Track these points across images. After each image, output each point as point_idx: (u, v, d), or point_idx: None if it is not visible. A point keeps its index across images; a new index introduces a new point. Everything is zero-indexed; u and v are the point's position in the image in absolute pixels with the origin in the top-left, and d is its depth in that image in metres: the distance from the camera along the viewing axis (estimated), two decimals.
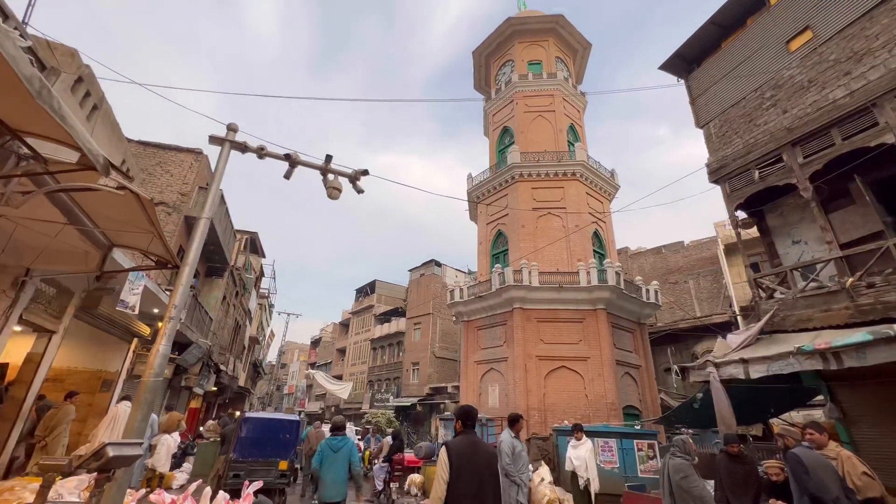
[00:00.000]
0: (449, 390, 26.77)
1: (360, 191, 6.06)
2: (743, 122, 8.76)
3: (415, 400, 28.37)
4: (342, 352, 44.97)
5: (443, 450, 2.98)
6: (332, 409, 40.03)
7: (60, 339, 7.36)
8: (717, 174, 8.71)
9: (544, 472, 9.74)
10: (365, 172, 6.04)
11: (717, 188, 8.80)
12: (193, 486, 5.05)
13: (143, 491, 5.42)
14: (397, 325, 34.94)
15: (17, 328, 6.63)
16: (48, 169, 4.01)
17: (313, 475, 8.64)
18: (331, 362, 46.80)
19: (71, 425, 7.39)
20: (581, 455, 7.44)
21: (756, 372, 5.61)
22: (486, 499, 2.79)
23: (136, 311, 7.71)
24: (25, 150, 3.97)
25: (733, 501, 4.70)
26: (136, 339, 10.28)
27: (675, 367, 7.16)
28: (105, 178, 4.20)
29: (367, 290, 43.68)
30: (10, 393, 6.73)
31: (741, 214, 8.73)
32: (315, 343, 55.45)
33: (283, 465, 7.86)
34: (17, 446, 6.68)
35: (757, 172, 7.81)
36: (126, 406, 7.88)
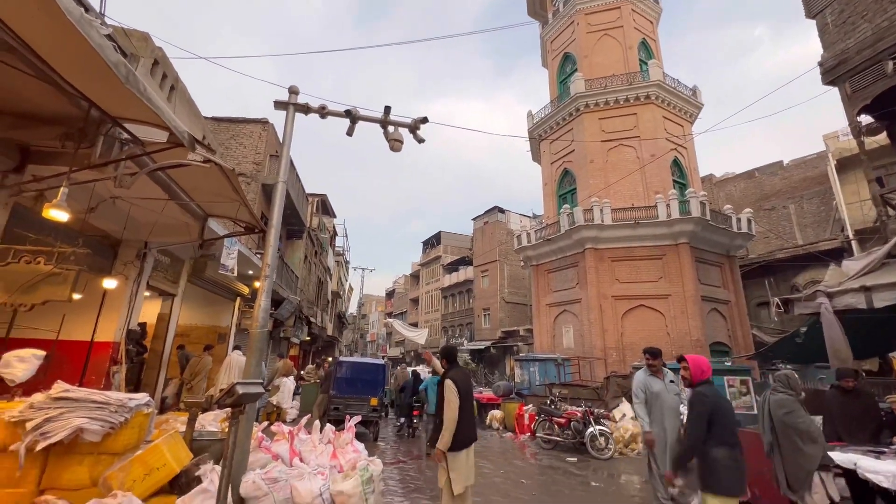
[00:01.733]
0: (521, 333, 27.28)
1: (420, 140, 5.97)
2: (872, 3, 7.06)
3: (488, 343, 29.42)
4: (415, 301, 47.33)
5: (449, 382, 3.78)
6: (412, 353, 43.02)
7: (180, 300, 8.53)
8: (834, 73, 7.25)
9: (625, 408, 9.75)
10: (424, 120, 5.90)
11: (832, 91, 7.38)
12: (304, 419, 5.81)
13: (264, 424, 6.34)
14: (465, 273, 35.67)
15: (147, 293, 7.78)
16: (145, 150, 4.42)
17: (408, 404, 10.28)
18: (406, 311, 49.65)
19: (210, 371, 8.80)
20: None
21: (881, 301, 4.90)
22: (473, 413, 4.01)
23: (235, 273, 8.63)
24: (125, 136, 4.39)
25: (847, 438, 4.34)
26: (238, 298, 11.66)
27: (776, 301, 6.47)
28: (192, 154, 4.55)
29: (433, 242, 44.71)
30: (152, 346, 8.06)
31: (866, 119, 7.30)
32: (390, 294, 58.90)
33: (374, 401, 8.72)
34: (164, 388, 8.08)
35: (892, 63, 6.36)
36: (237, 354, 9.15)
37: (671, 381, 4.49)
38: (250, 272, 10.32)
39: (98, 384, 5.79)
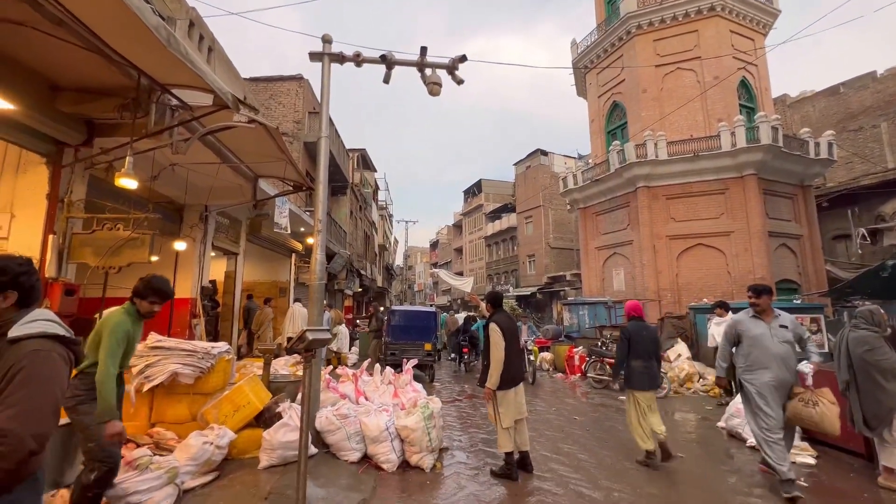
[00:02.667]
0: (567, 278, 27.01)
1: (459, 81, 5.67)
2: None
3: (534, 289, 29.47)
4: (459, 251, 47.81)
5: (494, 325, 3.99)
6: (459, 301, 44.19)
7: (243, 258, 9.13)
8: None
9: (681, 348, 9.58)
10: (462, 59, 5.57)
11: None
12: (365, 363, 6.25)
13: (329, 367, 6.88)
14: (508, 220, 35.19)
15: (213, 254, 8.38)
16: (194, 115, 4.54)
17: (458, 343, 11.37)
18: (450, 261, 50.45)
19: (274, 321, 9.60)
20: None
21: None
22: (520, 353, 4.28)
23: (288, 231, 9.03)
24: (175, 102, 4.52)
25: None
26: (293, 254, 12.32)
27: (861, 232, 5.81)
28: (237, 115, 4.63)
29: (473, 191, 44.10)
30: (223, 301, 8.80)
31: None
32: (434, 245, 59.81)
33: (428, 346, 9.14)
34: (238, 337, 8.91)
35: None
36: (298, 306, 9.84)
37: (782, 326, 3.74)
38: (302, 229, 10.78)
39: (182, 335, 6.46)
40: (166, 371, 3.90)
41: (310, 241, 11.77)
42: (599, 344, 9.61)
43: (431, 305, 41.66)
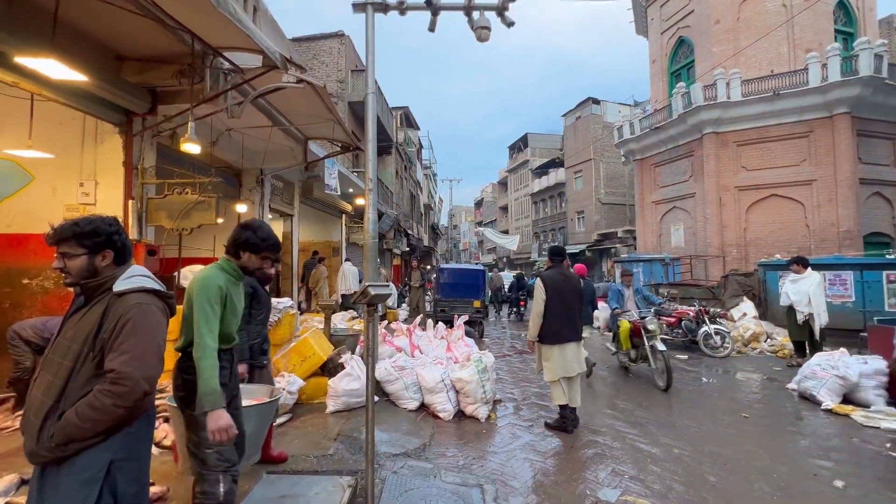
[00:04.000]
0: (619, 235, 25.88)
1: (509, 23, 5.27)
2: None
3: (583, 247, 28.60)
4: (504, 209, 47.03)
5: (538, 280, 4.06)
6: (504, 259, 44.07)
7: (298, 220, 9.53)
8: None
9: (747, 307, 9.01)
10: None
11: None
12: (418, 318, 6.46)
13: (385, 322, 7.18)
14: (556, 176, 33.81)
15: (270, 216, 8.79)
16: (245, 77, 4.60)
17: (516, 298, 12.52)
18: (495, 220, 49.89)
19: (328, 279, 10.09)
20: (802, 289, 6.44)
21: None
22: (571, 313, 4.00)
23: (338, 192, 9.24)
24: (227, 66, 4.59)
25: None
26: (343, 215, 12.69)
27: None
28: (286, 76, 4.64)
29: (519, 146, 42.49)
30: (283, 261, 9.33)
31: None
32: (478, 204, 59.20)
33: (477, 303, 9.26)
34: (298, 293, 9.48)
35: None
36: (348, 265, 10.25)
37: None
38: (350, 190, 11.00)
39: None
40: None
41: (359, 201, 12.04)
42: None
43: (477, 264, 41.96)
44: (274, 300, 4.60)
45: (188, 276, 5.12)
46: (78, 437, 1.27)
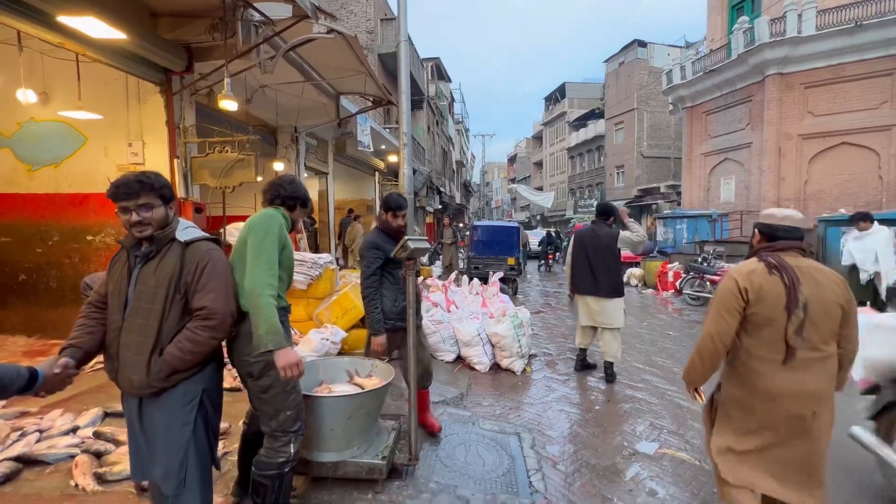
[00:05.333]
0: (662, 190, 24.55)
1: None
2: None
3: (621, 203, 27.45)
4: (539, 165, 45.48)
5: (573, 237, 4.32)
6: (538, 217, 43.22)
7: (332, 178, 9.62)
8: None
9: None
10: None
11: None
12: (453, 275, 6.51)
13: (420, 278, 7.31)
14: (595, 128, 32.02)
15: (306, 175, 8.91)
16: (275, 29, 4.50)
17: (545, 251, 14.06)
18: (529, 176, 48.49)
19: (364, 236, 10.30)
20: (868, 247, 5.94)
21: None
22: (593, 269, 4.03)
23: (371, 149, 9.17)
24: (258, 18, 4.49)
25: None
26: (377, 173, 12.68)
27: None
28: (316, 26, 4.49)
29: (556, 97, 40.24)
30: (319, 219, 9.54)
31: None
32: (511, 160, 57.52)
33: (511, 260, 9.20)
34: (336, 250, 9.75)
35: None
36: None
37: None
38: (383, 147, 10.89)
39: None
40: None
41: (392, 159, 11.96)
42: (700, 260, 8.85)
43: (510, 221, 41.46)
44: (314, 256, 4.74)
45: (234, 232, 5.34)
46: (181, 368, 1.45)
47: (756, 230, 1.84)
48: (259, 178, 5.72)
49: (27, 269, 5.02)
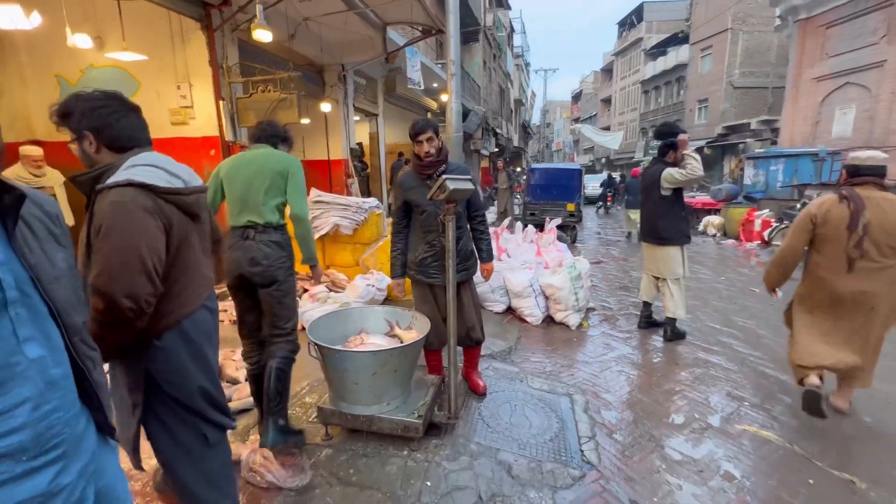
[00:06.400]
0: (752, 127, 21.37)
1: None
2: None
3: (701, 143, 24.40)
4: (607, 102, 41.47)
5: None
6: (602, 160, 40.19)
7: (383, 119, 9.26)
8: None
9: None
10: None
11: None
12: (506, 221, 6.13)
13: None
14: (676, 56, 27.97)
15: (357, 118, 8.65)
16: None
17: (603, 194, 13.98)
18: (595, 115, 44.58)
19: None
20: None
21: None
22: (647, 212, 3.62)
23: (422, 86, 8.60)
24: None
25: None
26: (428, 113, 12.08)
27: None
28: None
29: (631, 21, 35.40)
30: (371, 163, 9.36)
31: None
32: (576, 97, 52.97)
33: (571, 206, 8.52)
34: (388, 195, 9.63)
35: None
36: None
37: None
38: (435, 84, 10.23)
39: (341, 193, 7.17)
40: (329, 223, 4.32)
41: (444, 97, 11.27)
42: (799, 207, 7.59)
43: (572, 164, 39.00)
44: (359, 200, 4.58)
45: None
46: (107, 359, 1.16)
47: (843, 170, 2.35)
48: (304, 121, 5.55)
49: None
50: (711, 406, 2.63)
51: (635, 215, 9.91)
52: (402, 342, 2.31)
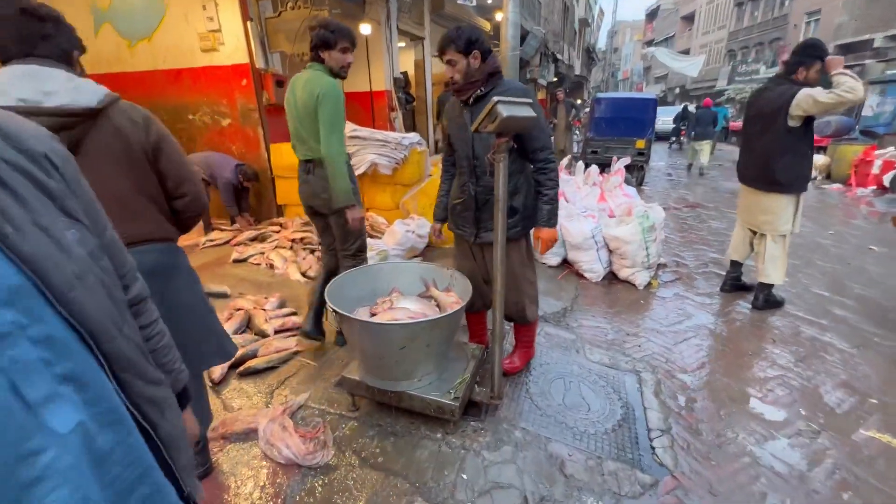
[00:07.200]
0: (876, 44, 17.54)
1: None
2: None
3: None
4: (688, 19, 35.83)
5: None
6: (676, 90, 35.67)
7: (429, 43, 8.36)
8: None
9: None
10: None
11: None
12: (564, 160, 5.41)
13: None
14: None
15: (402, 44, 7.84)
16: None
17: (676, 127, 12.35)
18: (672, 36, 38.92)
19: None
20: None
21: None
22: (752, 147, 2.86)
23: (474, 2, 7.54)
24: None
25: None
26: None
27: None
28: None
29: None
30: (416, 94, 8.64)
31: None
32: (651, 15, 46.24)
33: (640, 143, 7.47)
34: (435, 131, 8.99)
35: None
36: None
37: None
38: (489, 1, 8.99)
39: (384, 129, 6.66)
40: (366, 161, 3.91)
41: (498, 16, 9.96)
42: None
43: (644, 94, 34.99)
44: (399, 135, 4.08)
45: None
46: None
47: None
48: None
49: None
50: (824, 400, 2.10)
51: (701, 146, 9.34)
52: (438, 306, 1.96)
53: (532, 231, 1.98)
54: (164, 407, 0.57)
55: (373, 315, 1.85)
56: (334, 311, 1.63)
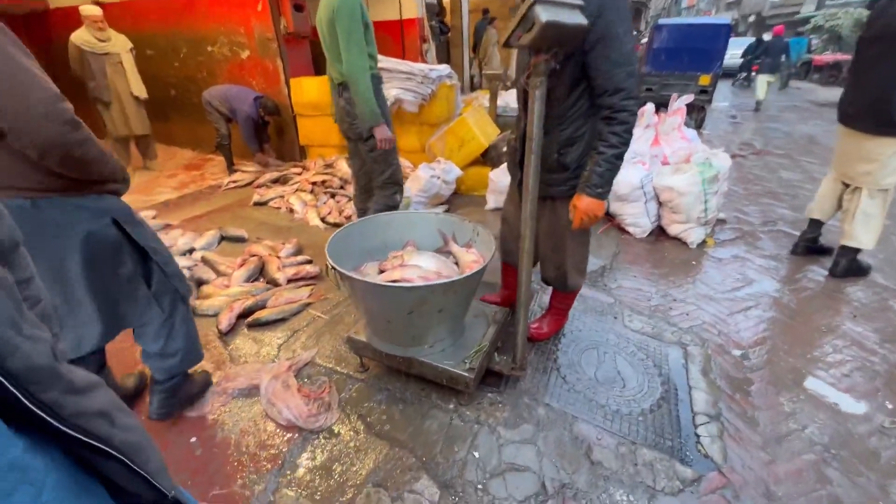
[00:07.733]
0: None
1: None
2: None
3: None
4: None
5: None
6: (751, 18, 31.16)
7: None
8: None
9: None
10: None
11: None
12: None
13: None
14: None
15: None
16: None
17: (748, 60, 9.98)
18: None
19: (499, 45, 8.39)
20: None
21: None
22: (866, 79, 2.27)
23: None
24: None
25: None
26: None
27: None
28: None
29: None
30: (452, 23, 7.85)
31: None
32: None
33: (705, 79, 6.51)
34: (471, 65, 8.26)
35: None
36: None
37: None
38: None
39: (415, 62, 6.12)
40: (389, 97, 3.54)
41: None
42: None
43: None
44: (426, 67, 3.65)
45: None
46: None
47: None
48: None
49: (174, 84, 5.16)
50: None
51: (773, 79, 8.89)
52: (457, 264, 1.71)
53: None
54: (112, 414, 0.46)
55: (381, 272, 1.63)
56: (333, 268, 1.42)
